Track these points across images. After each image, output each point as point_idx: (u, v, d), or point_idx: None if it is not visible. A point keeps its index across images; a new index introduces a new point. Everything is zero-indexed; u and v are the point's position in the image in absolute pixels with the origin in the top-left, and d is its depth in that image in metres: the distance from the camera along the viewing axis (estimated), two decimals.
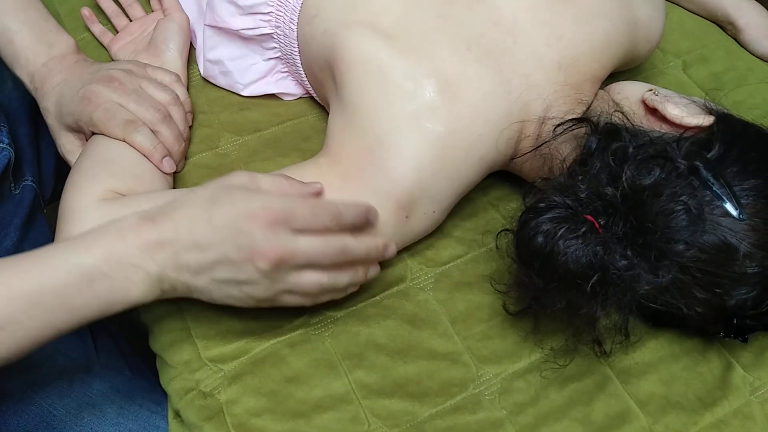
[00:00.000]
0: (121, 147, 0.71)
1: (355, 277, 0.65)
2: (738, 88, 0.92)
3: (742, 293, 0.62)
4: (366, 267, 0.66)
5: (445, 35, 0.69)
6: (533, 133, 0.71)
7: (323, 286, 0.62)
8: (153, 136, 0.72)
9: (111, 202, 0.66)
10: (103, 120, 0.71)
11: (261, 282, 0.59)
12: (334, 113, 0.73)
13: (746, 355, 0.72)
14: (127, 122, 0.70)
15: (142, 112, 0.72)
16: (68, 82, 0.74)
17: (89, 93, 0.71)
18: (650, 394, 0.69)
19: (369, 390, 0.67)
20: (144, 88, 0.74)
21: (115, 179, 0.68)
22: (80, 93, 0.72)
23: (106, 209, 0.65)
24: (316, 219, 0.60)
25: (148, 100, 0.73)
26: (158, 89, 0.75)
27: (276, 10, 0.78)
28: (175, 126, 0.75)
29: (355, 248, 0.62)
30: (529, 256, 0.61)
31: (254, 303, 0.62)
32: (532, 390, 0.69)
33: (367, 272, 0.66)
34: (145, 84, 0.74)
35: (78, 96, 0.72)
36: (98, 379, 0.77)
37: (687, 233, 0.59)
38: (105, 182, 0.68)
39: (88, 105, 0.71)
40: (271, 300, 0.62)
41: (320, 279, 0.61)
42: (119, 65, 0.76)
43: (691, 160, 0.61)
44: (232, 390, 0.66)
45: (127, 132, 0.70)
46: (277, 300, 0.62)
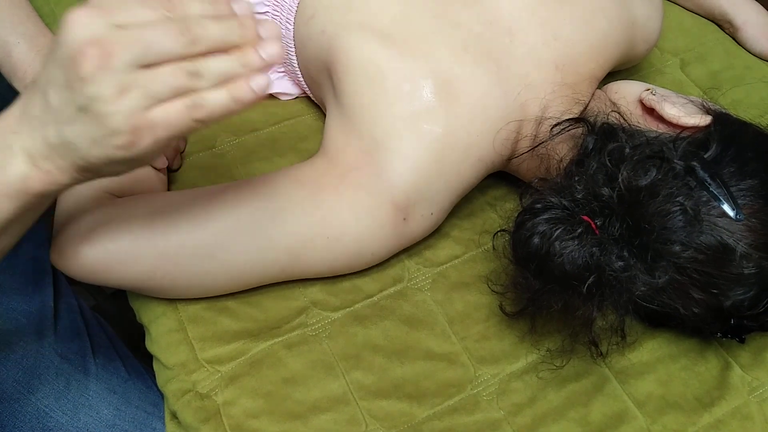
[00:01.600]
0: None
1: (235, 62, 0.47)
2: (736, 86, 0.92)
3: (739, 294, 0.62)
4: (249, 49, 0.48)
5: (442, 35, 0.69)
6: (530, 134, 0.70)
7: (190, 74, 0.46)
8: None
9: (106, 203, 0.66)
10: None
11: (100, 98, 0.45)
12: (331, 114, 0.73)
13: (744, 355, 0.72)
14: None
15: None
16: None
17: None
18: (648, 394, 0.69)
19: (366, 391, 0.67)
20: None
21: (111, 181, 0.68)
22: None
23: (101, 212, 0.65)
24: (146, 8, 0.46)
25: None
26: None
27: (272, 10, 0.77)
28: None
29: (204, 24, 0.46)
30: (525, 257, 0.61)
31: (129, 143, 0.46)
32: (530, 390, 0.68)
33: (250, 57, 0.48)
34: None
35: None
36: (95, 380, 0.77)
37: (683, 234, 0.59)
38: (101, 184, 0.68)
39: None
40: (144, 126, 0.46)
41: (179, 67, 0.46)
42: None
43: (687, 160, 0.61)
44: (229, 391, 0.66)
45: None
46: (152, 124, 0.46)
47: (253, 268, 0.66)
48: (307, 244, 0.66)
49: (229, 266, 0.65)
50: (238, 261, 0.65)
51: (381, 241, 0.69)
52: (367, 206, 0.66)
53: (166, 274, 0.65)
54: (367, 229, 0.67)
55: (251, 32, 0.48)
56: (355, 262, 0.70)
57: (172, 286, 0.66)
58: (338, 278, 0.72)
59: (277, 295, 0.71)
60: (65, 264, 0.64)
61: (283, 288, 0.71)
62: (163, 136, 0.47)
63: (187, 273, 0.65)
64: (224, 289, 0.69)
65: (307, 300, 0.72)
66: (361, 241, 0.68)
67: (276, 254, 0.66)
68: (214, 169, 0.79)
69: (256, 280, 0.69)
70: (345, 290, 0.72)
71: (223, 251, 0.64)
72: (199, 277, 0.66)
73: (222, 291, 0.69)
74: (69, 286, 0.86)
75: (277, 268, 0.67)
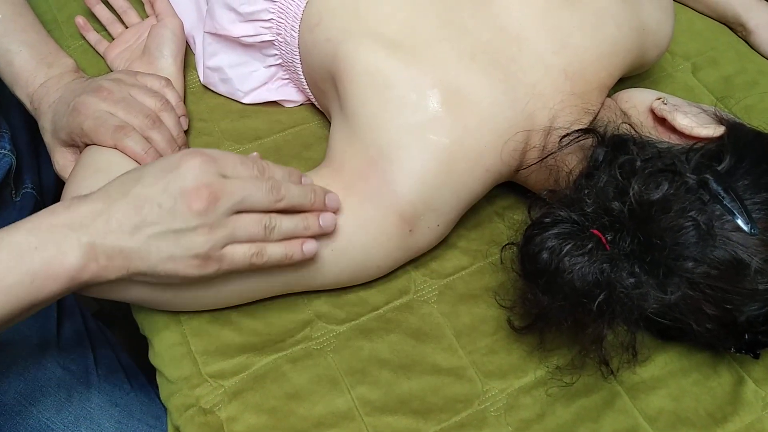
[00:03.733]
0: (113, 156, 0.70)
1: (300, 224, 0.61)
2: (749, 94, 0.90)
3: (753, 309, 0.61)
4: (312, 216, 0.62)
5: (450, 44, 0.68)
6: (539, 144, 0.69)
7: (266, 228, 0.59)
8: (144, 141, 0.70)
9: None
10: (93, 129, 0.69)
11: (197, 229, 0.56)
12: (336, 123, 0.72)
13: (758, 370, 0.71)
14: (117, 128, 0.69)
15: (131, 118, 0.70)
16: (63, 98, 0.73)
17: (79, 104, 0.70)
18: (659, 409, 0.68)
19: (372, 407, 0.66)
20: (134, 95, 0.73)
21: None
22: (71, 106, 0.71)
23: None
24: (244, 165, 0.60)
25: (137, 106, 0.71)
26: (148, 95, 0.73)
27: (277, 17, 0.76)
28: (167, 130, 0.73)
29: (288, 187, 0.60)
30: (533, 273, 0.60)
31: (197, 267, 0.58)
32: (539, 406, 0.67)
33: (311, 222, 0.62)
34: (134, 91, 0.73)
35: (69, 109, 0.71)
36: (97, 393, 0.77)
37: (696, 250, 0.58)
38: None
39: (78, 116, 0.70)
40: (215, 258, 0.58)
41: (261, 220, 0.59)
42: (109, 75, 0.75)
43: (700, 173, 0.60)
44: (233, 407, 0.65)
45: (117, 138, 0.69)
46: (221, 258, 0.58)
47: (257, 281, 0.65)
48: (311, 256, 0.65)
49: (232, 279, 0.64)
50: (241, 273, 0.64)
51: (387, 253, 0.68)
52: (372, 217, 0.65)
53: (168, 286, 0.63)
54: (372, 241, 0.66)
55: (320, 199, 0.63)
56: (361, 274, 0.69)
57: (175, 299, 0.66)
58: (343, 290, 0.71)
59: (282, 308, 0.70)
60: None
61: (287, 301, 0.70)
62: (224, 269, 0.59)
63: (191, 287, 0.64)
64: (228, 303, 0.68)
65: (312, 313, 0.70)
66: (367, 254, 0.67)
67: (280, 267, 0.65)
68: None
69: (260, 293, 0.68)
70: (350, 303, 0.71)
71: None
72: (203, 291, 0.65)
73: (226, 304, 0.68)
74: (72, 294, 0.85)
75: (281, 281, 0.66)
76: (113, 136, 0.69)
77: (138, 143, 0.69)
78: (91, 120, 0.69)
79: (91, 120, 0.69)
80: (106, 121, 0.69)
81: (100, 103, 0.70)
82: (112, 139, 0.69)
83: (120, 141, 0.69)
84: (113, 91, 0.71)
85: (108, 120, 0.69)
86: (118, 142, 0.69)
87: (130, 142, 0.69)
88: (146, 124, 0.71)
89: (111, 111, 0.70)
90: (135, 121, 0.70)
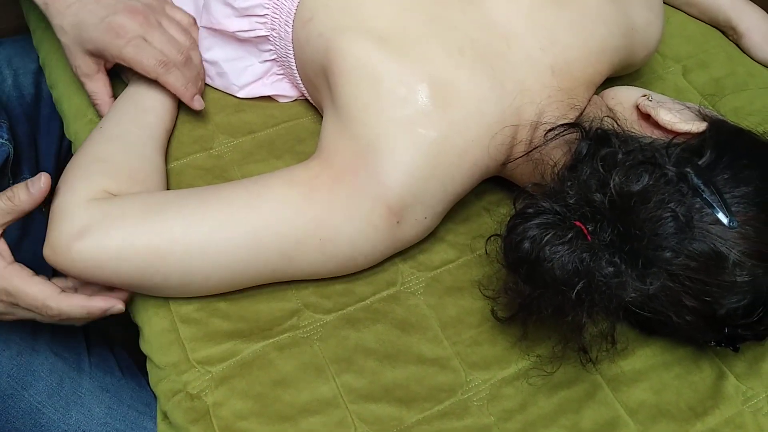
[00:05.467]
0: (118, 145, 0.72)
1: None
2: (736, 92, 0.91)
3: (732, 302, 0.61)
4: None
5: (439, 39, 0.69)
6: (526, 139, 0.70)
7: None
8: (183, 77, 0.76)
9: (101, 201, 0.66)
10: (135, 57, 0.74)
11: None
12: (327, 117, 0.73)
13: (739, 365, 0.72)
14: (159, 62, 0.74)
15: (167, 51, 0.75)
16: (85, 5, 0.74)
17: (115, 25, 0.73)
18: (640, 402, 0.69)
19: (357, 394, 0.67)
20: (165, 27, 0.77)
21: (109, 179, 0.69)
22: (105, 22, 0.73)
23: (96, 208, 0.65)
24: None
25: (171, 40, 0.76)
26: (178, 31, 0.78)
27: (271, 12, 0.77)
28: (195, 68, 0.79)
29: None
30: (515, 262, 0.61)
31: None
32: (521, 396, 0.68)
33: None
34: (165, 22, 0.77)
35: (102, 25, 0.73)
36: (88, 378, 0.77)
37: (674, 241, 0.59)
38: (98, 182, 0.68)
39: (115, 38, 0.73)
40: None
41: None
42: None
43: (681, 166, 0.61)
44: (220, 392, 0.66)
45: (160, 72, 0.74)
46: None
47: (245, 268, 0.67)
48: (299, 246, 0.66)
49: (220, 265, 0.66)
50: (229, 260, 0.65)
51: (374, 244, 0.68)
52: (360, 208, 0.66)
53: (157, 271, 0.65)
54: (360, 232, 0.67)
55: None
56: (348, 264, 0.70)
57: (164, 284, 0.67)
58: (331, 281, 0.72)
59: (270, 296, 0.71)
60: (57, 260, 0.64)
61: (275, 290, 0.71)
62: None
63: (179, 271, 0.65)
64: (217, 289, 0.69)
65: (300, 302, 0.71)
66: (354, 244, 0.68)
67: (268, 255, 0.66)
68: (210, 171, 0.79)
69: (248, 280, 0.69)
70: (338, 293, 0.72)
71: (215, 250, 0.65)
72: (191, 276, 0.66)
73: (214, 290, 0.69)
74: None
75: (269, 269, 0.67)
76: (155, 70, 0.74)
77: (179, 79, 0.76)
78: (132, 47, 0.74)
79: (132, 47, 0.74)
80: (148, 53, 0.74)
81: (137, 27, 0.74)
82: (154, 72, 0.75)
83: (163, 75, 0.75)
84: (148, 17, 0.75)
85: (148, 51, 0.74)
86: (160, 76, 0.75)
87: (172, 77, 0.76)
88: (180, 61, 0.76)
89: (147, 38, 0.75)
90: (171, 55, 0.75)
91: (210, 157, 0.81)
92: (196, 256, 0.65)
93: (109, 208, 0.65)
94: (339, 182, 0.67)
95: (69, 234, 0.63)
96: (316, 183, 0.67)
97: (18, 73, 0.95)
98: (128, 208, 0.65)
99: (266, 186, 0.67)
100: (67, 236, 0.63)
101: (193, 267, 0.65)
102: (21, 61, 0.96)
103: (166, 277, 0.65)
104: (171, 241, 0.64)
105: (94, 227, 0.64)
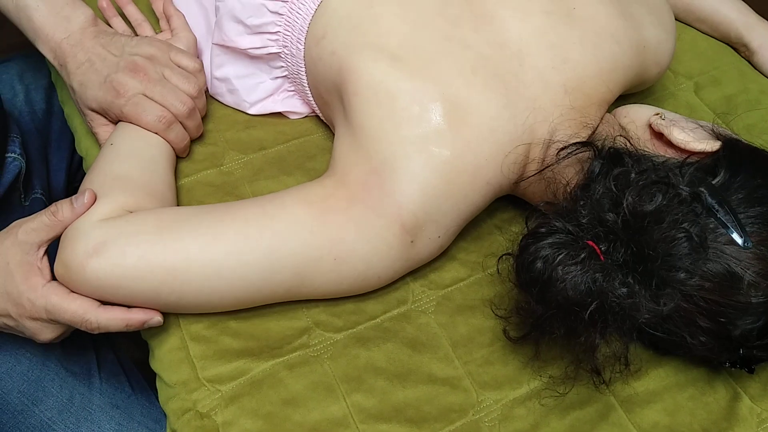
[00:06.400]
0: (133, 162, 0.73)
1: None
2: (750, 111, 0.91)
3: (747, 323, 0.61)
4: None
5: (451, 58, 0.69)
6: (538, 157, 0.70)
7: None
8: (184, 131, 0.77)
9: (115, 218, 0.66)
10: (134, 115, 0.74)
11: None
12: (340, 134, 0.72)
13: (754, 386, 0.71)
14: (160, 119, 0.74)
15: (169, 104, 0.75)
16: (93, 64, 0.75)
17: (116, 83, 0.74)
18: (654, 423, 0.68)
19: (367, 414, 0.66)
20: (168, 77, 0.76)
21: (128, 195, 0.69)
22: (107, 81, 0.74)
23: (110, 226, 0.65)
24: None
25: (174, 92, 0.76)
26: (183, 79, 0.77)
27: (283, 29, 0.78)
28: (198, 116, 0.79)
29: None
30: (528, 282, 0.60)
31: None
32: (533, 417, 0.67)
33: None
34: (168, 73, 0.77)
35: (105, 85, 0.74)
36: (98, 394, 0.77)
37: (688, 261, 0.58)
38: (117, 200, 0.68)
39: (116, 97, 0.74)
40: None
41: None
42: (142, 49, 0.77)
43: (695, 186, 0.60)
44: (229, 411, 0.66)
45: (160, 129, 0.75)
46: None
47: (259, 288, 0.66)
48: (314, 265, 0.66)
49: (235, 285, 0.65)
50: (244, 280, 0.65)
51: (388, 264, 0.68)
52: (375, 227, 0.66)
53: (172, 290, 0.64)
54: (374, 251, 0.67)
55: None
56: (361, 284, 0.70)
57: (178, 303, 0.66)
58: (341, 299, 0.72)
59: (280, 315, 0.71)
60: (71, 278, 0.64)
61: (285, 308, 0.71)
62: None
63: (194, 290, 0.65)
64: (231, 307, 0.69)
65: (310, 320, 0.71)
66: (369, 263, 0.67)
67: (283, 275, 0.66)
68: (221, 187, 0.79)
69: (262, 299, 0.69)
70: (348, 311, 0.72)
71: (231, 270, 0.64)
72: (206, 295, 0.66)
73: (228, 308, 0.69)
74: None
75: (284, 288, 0.67)
76: (156, 126, 0.75)
77: (179, 135, 0.77)
78: (131, 105, 0.74)
79: (131, 105, 0.74)
80: (148, 110, 0.74)
81: (138, 84, 0.74)
82: (154, 129, 0.75)
83: (162, 132, 0.75)
84: (149, 72, 0.75)
85: (149, 108, 0.74)
86: (160, 132, 0.75)
87: (172, 134, 0.76)
88: (183, 113, 0.76)
89: (149, 94, 0.75)
90: (173, 108, 0.75)
91: (220, 174, 0.81)
92: (212, 276, 0.64)
93: (124, 225, 0.65)
94: (353, 201, 0.66)
95: (84, 252, 0.63)
96: (331, 202, 0.66)
97: (29, 89, 0.95)
98: (143, 225, 0.65)
99: (281, 206, 0.67)
100: (82, 254, 0.63)
101: (209, 286, 0.65)
102: (32, 77, 0.97)
103: (181, 296, 0.65)
104: (187, 261, 0.64)
105: (110, 245, 0.63)
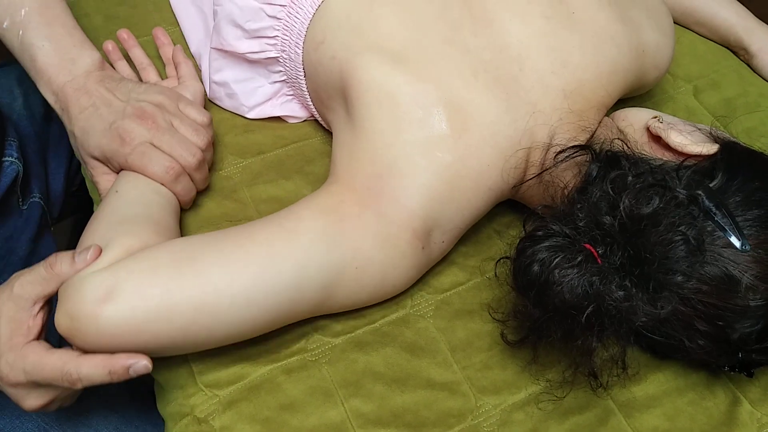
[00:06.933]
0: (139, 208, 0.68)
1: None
2: (749, 113, 0.90)
3: (745, 326, 0.61)
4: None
5: (452, 61, 0.69)
6: (538, 161, 0.69)
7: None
8: (191, 183, 0.73)
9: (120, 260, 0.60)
10: (140, 164, 0.70)
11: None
12: (340, 138, 0.72)
13: (754, 390, 0.70)
14: (167, 170, 0.70)
15: (177, 155, 0.71)
16: (97, 109, 0.72)
17: (121, 131, 0.70)
18: (654, 428, 0.67)
19: (365, 419, 0.66)
20: (177, 127, 0.73)
21: (133, 237, 0.63)
22: (111, 128, 0.70)
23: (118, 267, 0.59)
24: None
25: (183, 142, 0.72)
26: (190, 130, 0.73)
27: (282, 34, 0.78)
28: (206, 169, 0.75)
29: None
30: (525, 285, 0.60)
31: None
32: (531, 422, 0.67)
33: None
34: (177, 122, 0.73)
35: (110, 132, 0.70)
36: (96, 399, 0.77)
37: (686, 264, 0.58)
38: (122, 245, 0.62)
39: (121, 146, 0.70)
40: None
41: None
42: (150, 96, 0.74)
43: (692, 189, 0.60)
44: (227, 416, 0.66)
45: (168, 181, 0.71)
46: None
47: (289, 308, 0.64)
48: (339, 277, 0.64)
49: (267, 309, 0.62)
50: (275, 303, 0.62)
51: (403, 271, 0.67)
52: (388, 234, 0.65)
53: (203, 327, 0.60)
54: (389, 259, 0.66)
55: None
56: (378, 292, 0.68)
57: (207, 340, 0.62)
58: None
59: None
60: (80, 329, 0.57)
61: None
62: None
63: (226, 323, 0.61)
64: (261, 332, 0.65)
65: (308, 325, 0.71)
66: (385, 271, 0.66)
67: (312, 291, 0.64)
68: (220, 192, 0.79)
69: (288, 320, 0.66)
70: (346, 316, 0.72)
71: (263, 295, 0.61)
72: (238, 325, 0.61)
73: (259, 333, 0.65)
74: None
75: (312, 304, 0.65)
76: (163, 177, 0.70)
77: (186, 187, 0.73)
78: (137, 154, 0.70)
79: (137, 154, 0.70)
80: (155, 159, 0.70)
81: (145, 132, 0.70)
82: (161, 180, 0.71)
83: (169, 184, 0.71)
84: (157, 119, 0.71)
85: (156, 158, 0.70)
86: (167, 184, 0.71)
87: (179, 187, 0.72)
88: (192, 165, 0.72)
89: (156, 143, 0.70)
90: (181, 159, 0.71)
91: (219, 178, 0.81)
92: (242, 305, 0.60)
93: (134, 264, 0.59)
94: (365, 207, 0.65)
95: (93, 299, 0.56)
96: (344, 209, 0.65)
97: (28, 93, 0.95)
98: (156, 261, 0.60)
99: (298, 219, 0.64)
100: (92, 302, 0.56)
101: (240, 317, 0.61)
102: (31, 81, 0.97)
103: (212, 332, 0.61)
104: (216, 293, 0.59)
105: (123, 286, 0.57)
